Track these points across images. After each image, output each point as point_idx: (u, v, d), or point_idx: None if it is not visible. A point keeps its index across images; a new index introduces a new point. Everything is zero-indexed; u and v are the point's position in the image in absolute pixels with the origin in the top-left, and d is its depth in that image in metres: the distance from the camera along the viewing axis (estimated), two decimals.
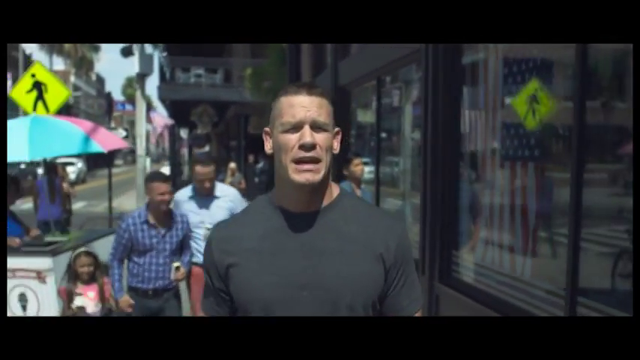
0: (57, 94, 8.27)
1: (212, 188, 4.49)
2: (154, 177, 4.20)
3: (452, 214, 4.47)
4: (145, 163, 11.97)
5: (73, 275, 4.26)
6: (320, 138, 1.47)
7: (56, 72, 39.43)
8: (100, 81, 64.04)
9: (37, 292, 4.38)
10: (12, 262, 4.40)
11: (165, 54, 22.66)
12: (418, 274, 4.74)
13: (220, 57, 21.78)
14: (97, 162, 38.74)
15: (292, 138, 1.47)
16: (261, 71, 12.95)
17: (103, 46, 43.16)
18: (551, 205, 3.52)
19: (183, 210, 4.43)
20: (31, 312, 4.41)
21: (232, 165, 14.04)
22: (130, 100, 51.15)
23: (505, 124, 3.98)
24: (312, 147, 1.46)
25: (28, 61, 36.40)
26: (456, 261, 4.44)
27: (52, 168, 8.75)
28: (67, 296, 4.24)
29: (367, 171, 6.62)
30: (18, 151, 4.64)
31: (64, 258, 4.51)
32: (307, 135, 1.45)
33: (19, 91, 8.18)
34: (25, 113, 8.01)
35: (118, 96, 59.11)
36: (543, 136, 3.58)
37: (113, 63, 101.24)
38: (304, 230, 1.53)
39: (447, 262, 4.45)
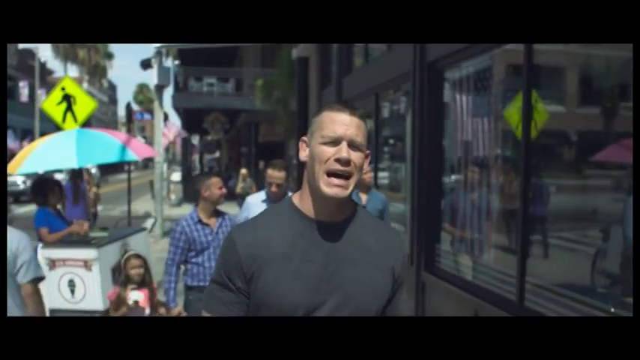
0: (84, 106, 9.10)
1: (281, 194, 4.40)
2: (209, 174, 4.41)
3: (435, 213, 5.26)
4: (163, 169, 12.80)
5: (124, 280, 4.40)
6: (355, 156, 1.58)
7: None
8: (112, 88, 65.35)
9: (84, 278, 5.19)
10: (63, 252, 5.23)
11: (177, 61, 23.57)
12: (407, 264, 5.53)
13: (231, 67, 22.67)
14: (108, 168, 39.65)
15: (330, 151, 1.58)
16: (271, 82, 13.76)
17: (116, 53, 44.11)
18: (511, 206, 4.31)
19: (252, 214, 4.23)
20: (79, 295, 5.22)
21: (243, 171, 14.84)
22: (142, 105, 52.17)
23: (475, 136, 4.78)
24: (347, 163, 1.56)
25: (44, 69, 37.45)
26: (439, 253, 5.23)
27: (78, 173, 9.61)
28: (116, 299, 4.34)
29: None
30: (67, 159, 5.47)
31: (106, 249, 5.32)
32: (344, 151, 1.56)
33: (50, 103, 9.02)
34: (51, 120, 8.83)
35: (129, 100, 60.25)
36: (505, 144, 4.37)
37: (123, 69, 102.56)
38: (329, 239, 1.63)
39: (432, 254, 5.24)
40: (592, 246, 3.58)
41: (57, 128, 9.03)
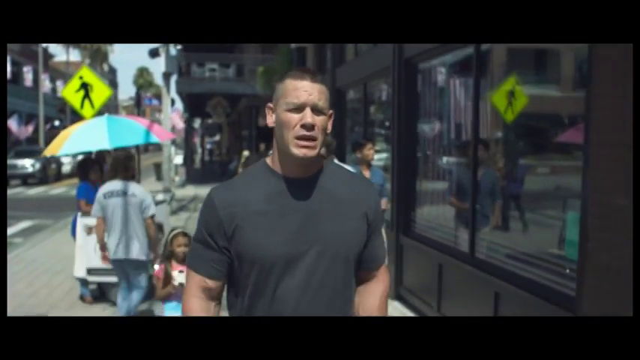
0: (100, 93, 10.07)
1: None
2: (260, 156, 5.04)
3: (411, 187, 6.31)
4: (171, 151, 13.84)
5: (168, 255, 4.50)
6: (318, 120, 1.69)
7: (71, 63, 41.39)
8: (112, 71, 66.19)
9: None
10: None
11: (179, 46, 24.46)
12: (389, 230, 6.79)
13: (232, 52, 23.56)
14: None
15: (295, 117, 1.68)
16: (272, 69, 14.73)
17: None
18: (465, 180, 5.34)
19: None
20: None
21: (245, 153, 15.87)
22: (142, 88, 52.90)
23: (444, 122, 5.80)
24: (311, 127, 1.67)
25: (46, 54, 38.30)
26: (414, 219, 6.28)
27: (101, 157, 10.60)
28: (164, 276, 4.44)
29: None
30: (100, 142, 6.46)
31: None
32: (309, 116, 1.67)
33: (69, 91, 9.99)
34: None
35: (129, 85, 60.75)
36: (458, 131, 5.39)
37: (123, 53, 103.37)
38: (303, 194, 1.75)
39: (408, 220, 6.29)
40: (549, 217, 4.34)
41: (59, 112, 9.76)
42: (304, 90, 1.68)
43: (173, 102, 17.10)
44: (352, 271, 1.84)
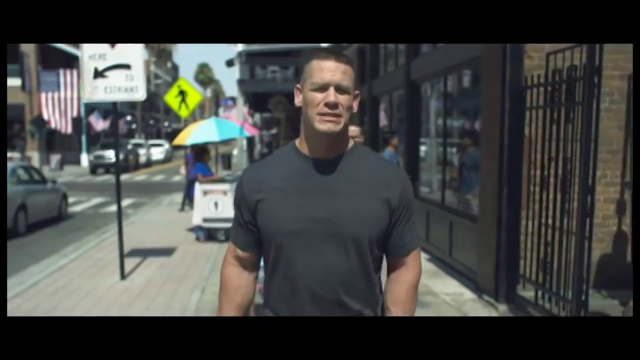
0: (193, 98, 13.88)
1: None
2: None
3: (415, 164, 9.79)
4: (243, 143, 17.63)
5: None
6: (342, 98, 1.80)
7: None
8: (175, 68, 71.15)
9: (224, 201, 9.86)
10: (211, 186, 9.94)
11: (242, 46, 28.11)
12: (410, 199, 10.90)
13: (289, 56, 27.10)
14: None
15: (319, 96, 1.80)
16: None
17: None
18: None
19: None
20: (220, 210, 9.88)
21: None
22: (203, 84, 57.08)
23: (435, 121, 9.26)
24: (335, 105, 1.79)
25: None
26: (416, 187, 9.76)
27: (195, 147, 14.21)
28: None
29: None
30: (212, 135, 10.16)
31: (235, 184, 10.01)
32: (332, 95, 1.78)
33: (170, 96, 13.85)
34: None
35: (189, 80, 65.73)
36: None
37: (184, 48, 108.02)
38: (322, 174, 1.88)
39: (412, 187, 9.76)
40: None
41: (131, 108, 12.12)
42: (329, 70, 1.80)
43: (245, 101, 20.91)
44: (367, 254, 1.89)
